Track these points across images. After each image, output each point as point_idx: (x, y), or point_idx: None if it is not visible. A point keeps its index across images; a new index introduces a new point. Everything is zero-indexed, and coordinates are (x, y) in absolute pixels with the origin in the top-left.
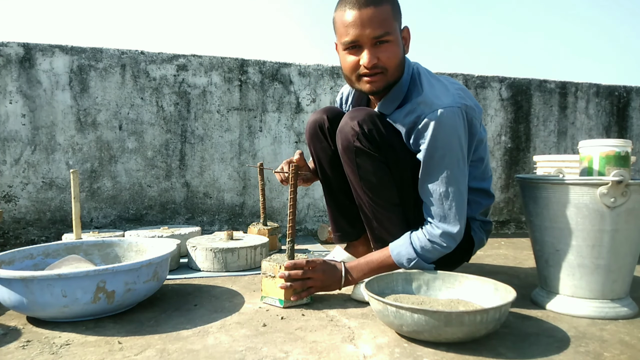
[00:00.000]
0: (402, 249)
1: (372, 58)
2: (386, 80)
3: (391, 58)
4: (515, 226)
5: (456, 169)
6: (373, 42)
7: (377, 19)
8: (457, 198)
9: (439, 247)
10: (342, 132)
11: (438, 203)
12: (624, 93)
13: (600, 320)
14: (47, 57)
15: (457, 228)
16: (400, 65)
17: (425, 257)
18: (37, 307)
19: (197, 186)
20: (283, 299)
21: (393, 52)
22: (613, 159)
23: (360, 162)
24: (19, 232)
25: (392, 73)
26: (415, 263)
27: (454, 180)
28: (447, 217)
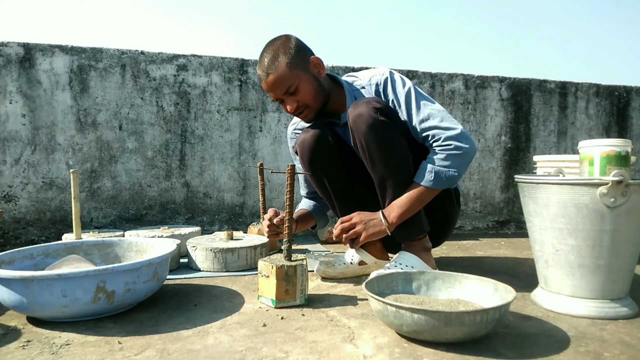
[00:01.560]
0: (421, 170)
1: (291, 106)
2: (314, 110)
3: (305, 96)
4: (515, 226)
5: (420, 96)
6: (286, 95)
7: (279, 81)
8: (437, 113)
9: (448, 150)
10: (361, 116)
11: (427, 127)
12: (624, 93)
13: (600, 320)
14: (47, 57)
15: (456, 130)
16: (317, 93)
17: (442, 164)
18: (37, 307)
19: (197, 186)
20: (275, 298)
21: (304, 91)
22: (614, 158)
23: (387, 135)
24: (19, 232)
25: (313, 103)
26: (436, 172)
27: (426, 104)
28: (440, 127)
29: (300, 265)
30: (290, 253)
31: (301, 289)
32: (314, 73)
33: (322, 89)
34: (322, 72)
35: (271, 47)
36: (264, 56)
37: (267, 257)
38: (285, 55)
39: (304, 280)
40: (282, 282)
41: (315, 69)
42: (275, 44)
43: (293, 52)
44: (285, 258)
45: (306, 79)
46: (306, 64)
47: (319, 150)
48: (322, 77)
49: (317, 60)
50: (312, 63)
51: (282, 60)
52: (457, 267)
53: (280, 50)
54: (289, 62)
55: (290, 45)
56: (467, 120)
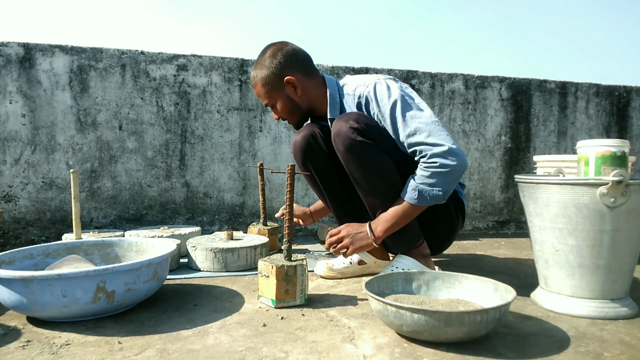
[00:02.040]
0: (407, 187)
1: (275, 115)
2: (294, 121)
3: (283, 111)
4: (515, 226)
5: (407, 108)
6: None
7: (258, 95)
8: (424, 127)
9: (433, 168)
10: (339, 134)
11: (414, 142)
12: (624, 93)
13: (600, 320)
14: (47, 57)
15: (443, 146)
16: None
17: (426, 182)
18: (37, 307)
19: (197, 186)
20: (275, 298)
21: (281, 108)
22: (609, 158)
23: (364, 154)
24: (19, 232)
25: (290, 118)
26: (420, 191)
27: (413, 117)
28: (427, 143)
29: (300, 265)
30: (291, 253)
31: (301, 289)
32: (289, 93)
33: (296, 107)
34: (298, 91)
35: (260, 57)
36: (255, 65)
37: (267, 257)
38: (264, 73)
39: (304, 280)
40: (282, 282)
41: (291, 89)
42: (264, 55)
43: (271, 71)
44: (285, 258)
45: (280, 98)
46: (281, 83)
47: (310, 152)
48: (298, 95)
49: (291, 80)
50: (287, 82)
51: (260, 79)
52: (457, 267)
53: (264, 65)
54: (263, 83)
55: (274, 60)
56: (467, 120)
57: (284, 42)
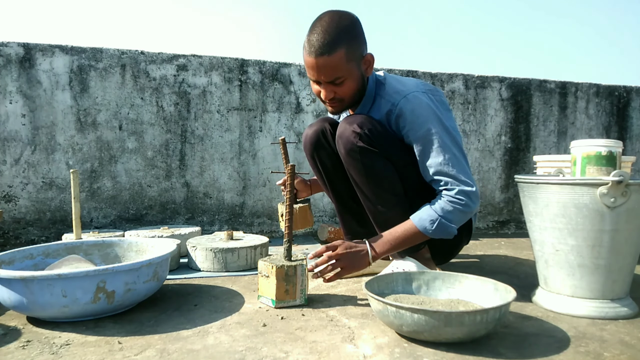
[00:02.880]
0: (423, 214)
1: (328, 94)
2: (344, 105)
3: (346, 91)
4: (515, 226)
5: (445, 137)
6: (328, 83)
7: (329, 66)
8: (457, 162)
9: (459, 205)
10: (342, 137)
11: (444, 171)
12: (624, 93)
13: (600, 320)
14: (47, 57)
15: (470, 186)
16: (357, 92)
17: (448, 217)
18: (37, 307)
19: (197, 186)
20: (275, 298)
21: (348, 87)
22: (594, 158)
23: (366, 161)
24: (19, 232)
25: (349, 100)
26: (439, 224)
27: (447, 147)
28: (457, 179)
29: (300, 265)
30: (291, 253)
31: (301, 289)
32: (363, 70)
33: (363, 88)
34: (370, 71)
35: (335, 23)
36: (321, 29)
37: (267, 257)
38: (348, 43)
39: (304, 280)
40: (282, 282)
41: (365, 66)
42: (340, 21)
43: (356, 41)
44: (285, 258)
45: (355, 76)
46: (360, 59)
47: (318, 147)
48: (368, 75)
49: (370, 58)
50: (365, 59)
51: (342, 48)
52: (457, 267)
53: (346, 32)
54: (348, 52)
55: (355, 30)
56: (467, 120)
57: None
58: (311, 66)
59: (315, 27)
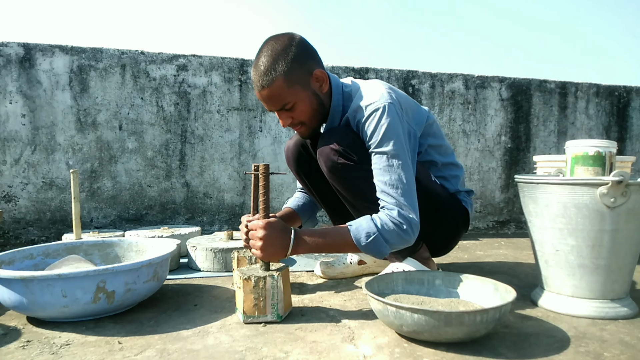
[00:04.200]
0: (361, 223)
1: (285, 121)
2: (309, 128)
3: (301, 114)
4: (515, 226)
5: (398, 158)
6: (281, 110)
7: (273, 95)
8: (403, 187)
9: (399, 229)
10: (322, 154)
11: (389, 191)
12: (624, 93)
13: (600, 320)
14: (47, 57)
15: (413, 215)
16: (314, 111)
17: (385, 236)
18: (37, 307)
19: (197, 186)
20: (243, 312)
21: (301, 110)
22: (581, 158)
23: (349, 176)
24: (19, 232)
25: (310, 121)
26: (374, 239)
27: (398, 169)
28: (400, 204)
29: (271, 276)
30: (268, 262)
31: (272, 304)
32: (315, 89)
33: (321, 106)
34: (325, 87)
35: (270, 50)
36: (260, 60)
37: (245, 267)
38: (284, 67)
39: (276, 294)
40: (249, 294)
41: (317, 84)
42: (275, 47)
43: (294, 63)
44: (261, 268)
45: (304, 98)
46: (307, 78)
47: (301, 160)
48: (324, 92)
49: (320, 74)
50: (314, 77)
51: (280, 73)
52: (457, 267)
53: (280, 58)
54: (287, 77)
55: (292, 52)
56: (467, 120)
57: (290, 32)
58: (260, 100)
59: (255, 60)
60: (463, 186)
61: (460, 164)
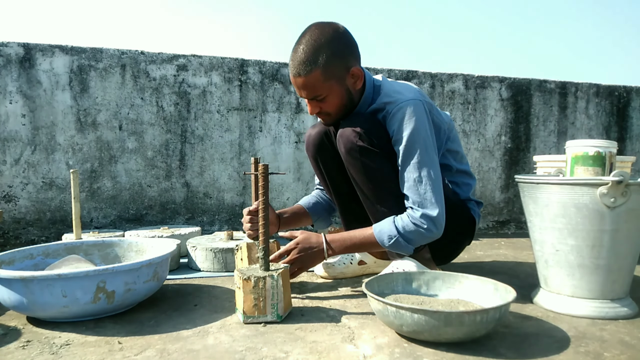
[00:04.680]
0: (384, 226)
1: (313, 109)
2: (333, 118)
3: (330, 107)
4: (515, 226)
5: (425, 155)
6: (311, 99)
7: (308, 85)
8: (430, 182)
9: (421, 228)
10: (343, 136)
11: (414, 189)
12: (624, 93)
13: (600, 320)
14: (47, 57)
15: (436, 211)
16: (343, 106)
17: (407, 237)
18: (37, 307)
19: (197, 186)
20: (243, 312)
21: (331, 103)
22: (581, 158)
23: (366, 160)
24: (19, 232)
25: (336, 113)
26: (395, 241)
27: (424, 165)
28: (424, 201)
29: (270, 276)
30: (267, 262)
31: (272, 304)
32: (349, 85)
33: (351, 102)
34: (359, 84)
35: (312, 39)
36: (300, 46)
37: (245, 267)
38: (324, 60)
39: (276, 294)
40: (249, 295)
41: (352, 81)
42: (318, 36)
43: (334, 58)
44: (261, 268)
45: (338, 92)
46: (344, 74)
47: (321, 148)
48: (357, 88)
49: (357, 71)
50: (351, 74)
51: (319, 66)
52: (457, 267)
53: (322, 50)
54: (324, 71)
55: (335, 45)
56: (467, 120)
57: (336, 23)
58: (294, 83)
59: (296, 44)
60: (474, 196)
61: (473, 175)
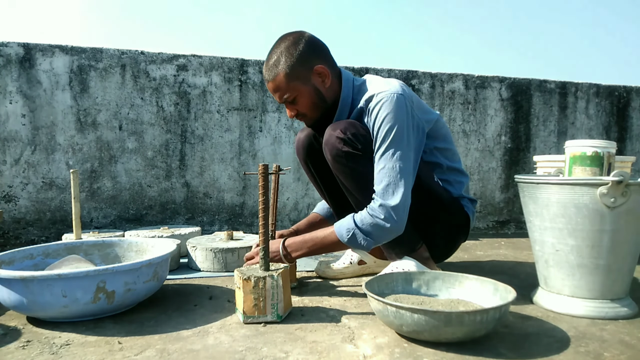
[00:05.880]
0: (344, 221)
1: (290, 111)
2: (311, 119)
3: (303, 107)
4: (515, 226)
5: (396, 147)
6: (285, 102)
7: (276, 88)
8: (394, 174)
9: (378, 219)
10: (328, 143)
11: (378, 180)
12: (624, 93)
13: (600, 320)
14: (47, 57)
15: (395, 202)
16: (315, 105)
17: (364, 230)
18: (37, 307)
19: (197, 186)
20: (244, 312)
21: (302, 103)
22: (579, 159)
23: (352, 165)
24: (19, 232)
25: (312, 114)
26: (352, 235)
27: (393, 157)
28: (385, 193)
29: (270, 276)
30: (267, 262)
31: (272, 304)
32: (317, 84)
33: (323, 101)
34: (328, 82)
35: (277, 48)
36: (269, 56)
37: (245, 267)
38: (287, 63)
39: (276, 294)
40: (249, 295)
41: (319, 79)
42: (282, 44)
43: (296, 60)
44: (260, 268)
45: (305, 92)
46: (308, 74)
47: (310, 151)
48: (326, 86)
49: (322, 69)
50: (315, 73)
51: (282, 69)
52: (457, 267)
53: (284, 55)
54: (287, 73)
55: (296, 49)
56: (467, 120)
57: (301, 30)
58: (270, 92)
59: (266, 58)
60: (467, 193)
61: (466, 173)
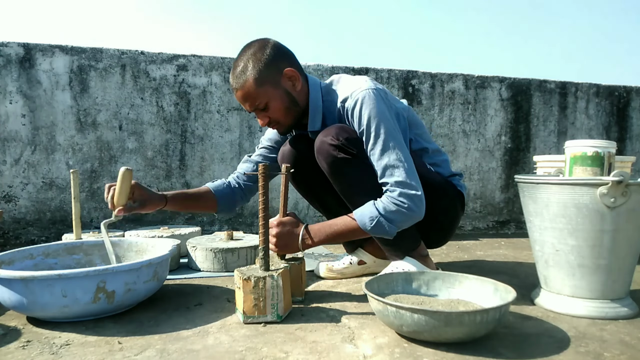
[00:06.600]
0: (365, 209)
1: (263, 120)
2: (285, 125)
3: (275, 113)
4: (515, 226)
5: (391, 139)
6: (256, 110)
7: (246, 97)
8: (401, 164)
9: (402, 207)
10: (321, 151)
11: (389, 174)
12: (624, 93)
13: (600, 321)
14: (47, 57)
15: (414, 190)
16: (288, 109)
17: (388, 217)
18: (37, 307)
19: (197, 186)
20: (243, 312)
21: (274, 108)
22: (579, 159)
23: (348, 170)
24: (19, 232)
25: (285, 118)
26: (377, 222)
27: (392, 149)
28: (401, 183)
29: (270, 276)
30: (268, 262)
31: (272, 304)
32: (287, 87)
33: (295, 104)
34: (298, 85)
35: (243, 56)
36: (236, 65)
37: (245, 267)
38: (255, 68)
39: (276, 294)
40: (249, 295)
41: (289, 83)
42: (247, 52)
43: (263, 65)
44: (260, 268)
45: (276, 96)
46: (277, 77)
47: (298, 165)
48: (297, 90)
49: (292, 72)
50: (285, 76)
51: (250, 74)
52: (457, 267)
53: (251, 61)
54: (257, 77)
55: (264, 54)
56: (467, 120)
57: (265, 37)
58: (239, 102)
59: (232, 68)
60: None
61: (442, 150)
